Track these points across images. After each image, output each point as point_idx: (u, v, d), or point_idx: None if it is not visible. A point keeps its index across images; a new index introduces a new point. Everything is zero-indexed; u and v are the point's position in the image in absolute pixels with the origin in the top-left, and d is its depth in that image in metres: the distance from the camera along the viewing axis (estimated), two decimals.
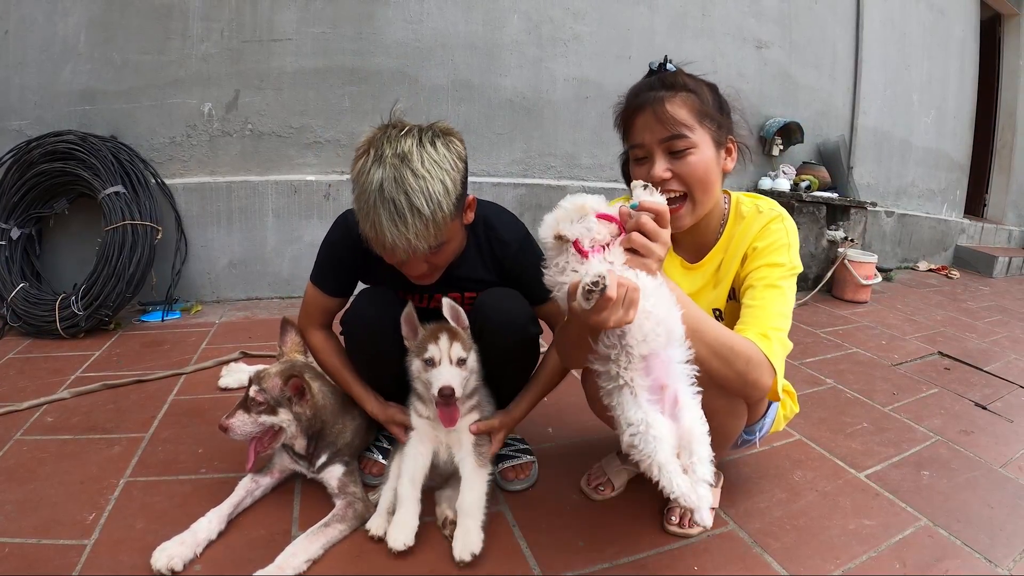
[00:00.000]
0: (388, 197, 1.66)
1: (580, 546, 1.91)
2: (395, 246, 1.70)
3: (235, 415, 1.94)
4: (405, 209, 1.66)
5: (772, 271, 1.80)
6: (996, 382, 3.75)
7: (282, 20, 4.20)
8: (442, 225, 1.73)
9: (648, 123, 1.75)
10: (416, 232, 1.68)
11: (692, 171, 1.75)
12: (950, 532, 2.11)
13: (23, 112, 3.90)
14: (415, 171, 1.68)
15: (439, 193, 1.70)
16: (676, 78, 1.77)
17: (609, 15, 5.24)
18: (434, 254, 1.83)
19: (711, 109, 1.77)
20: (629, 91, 1.87)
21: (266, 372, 1.99)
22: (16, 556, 1.73)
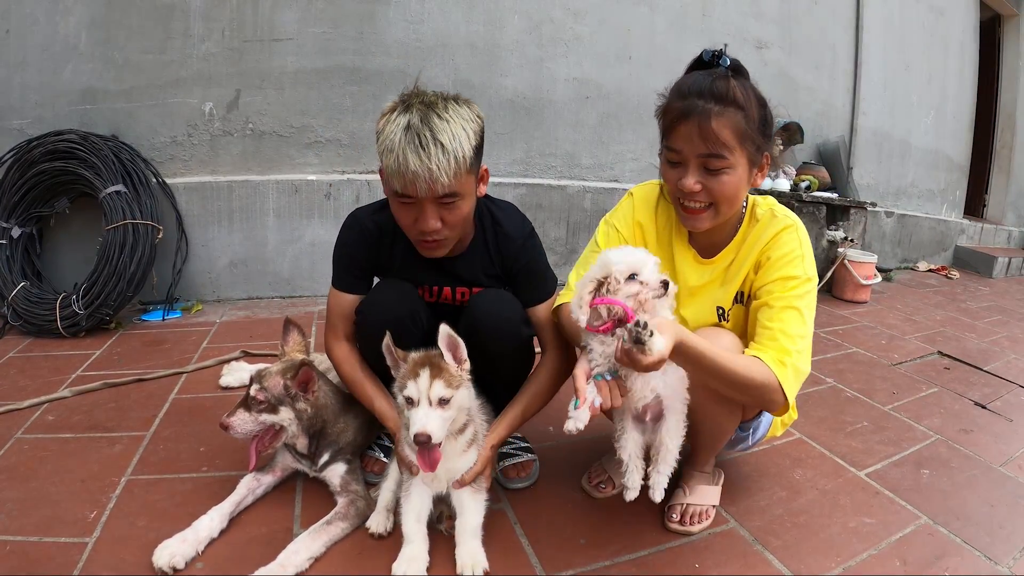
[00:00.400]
0: (414, 132, 1.77)
1: (581, 544, 1.92)
2: (416, 176, 1.76)
3: (236, 413, 1.94)
4: (429, 141, 1.76)
5: (787, 286, 1.80)
6: (995, 381, 3.75)
7: (283, 20, 4.20)
8: (461, 166, 1.81)
9: (690, 135, 1.72)
10: (438, 163, 1.76)
11: (722, 190, 1.76)
12: (950, 530, 2.12)
13: (24, 111, 3.90)
14: (440, 115, 1.80)
15: (461, 136, 1.80)
16: (728, 90, 1.72)
17: (609, 15, 5.24)
18: (447, 207, 1.87)
19: (754, 131, 1.75)
20: (677, 86, 1.82)
21: (267, 371, 1.99)
22: (17, 554, 1.73)
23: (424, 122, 1.77)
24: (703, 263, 2.01)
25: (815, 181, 6.22)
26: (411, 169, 1.75)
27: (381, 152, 1.84)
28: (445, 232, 1.92)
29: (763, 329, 1.79)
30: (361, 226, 2.10)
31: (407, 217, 1.90)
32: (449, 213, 1.89)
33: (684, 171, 1.77)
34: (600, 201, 5.26)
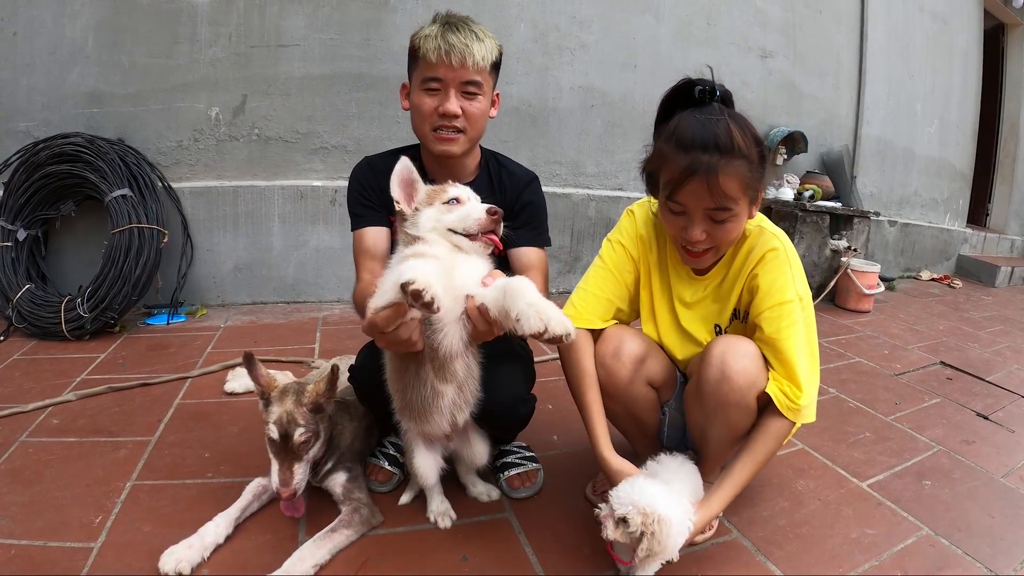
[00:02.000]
0: (452, 24, 1.97)
1: (585, 553, 1.92)
2: (453, 47, 1.93)
3: (293, 474, 1.84)
4: (467, 29, 1.98)
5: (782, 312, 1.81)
6: (998, 392, 3.75)
7: (290, 26, 4.22)
8: (488, 55, 2.00)
9: (699, 192, 1.71)
10: (474, 43, 1.96)
11: (727, 236, 1.81)
12: (951, 541, 2.12)
13: (31, 114, 3.92)
14: (471, 23, 2.02)
15: (487, 39, 2.02)
16: (731, 139, 1.70)
17: (615, 24, 5.26)
18: (468, 98, 2.02)
19: (756, 176, 1.75)
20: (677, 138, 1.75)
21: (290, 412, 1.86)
22: (22, 558, 1.73)
23: (460, 20, 1.99)
24: (696, 279, 2.04)
25: (818, 190, 6.22)
26: (449, 41, 1.93)
27: (416, 46, 2.00)
28: (463, 123, 2.03)
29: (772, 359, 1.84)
30: (370, 162, 2.18)
31: (430, 104, 2.01)
32: (469, 103, 2.02)
33: (689, 221, 1.78)
34: (604, 209, 5.27)
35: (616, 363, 1.98)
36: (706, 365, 1.85)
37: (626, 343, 1.98)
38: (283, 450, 1.84)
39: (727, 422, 1.88)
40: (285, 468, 1.83)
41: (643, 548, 1.61)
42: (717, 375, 1.80)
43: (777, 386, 1.78)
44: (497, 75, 2.12)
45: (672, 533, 1.61)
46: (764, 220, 1.98)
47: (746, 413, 1.86)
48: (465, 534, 1.95)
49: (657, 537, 1.59)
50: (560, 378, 2.16)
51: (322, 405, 1.93)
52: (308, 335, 3.74)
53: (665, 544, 1.60)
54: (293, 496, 1.83)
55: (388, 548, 1.87)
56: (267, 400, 1.91)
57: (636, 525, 1.60)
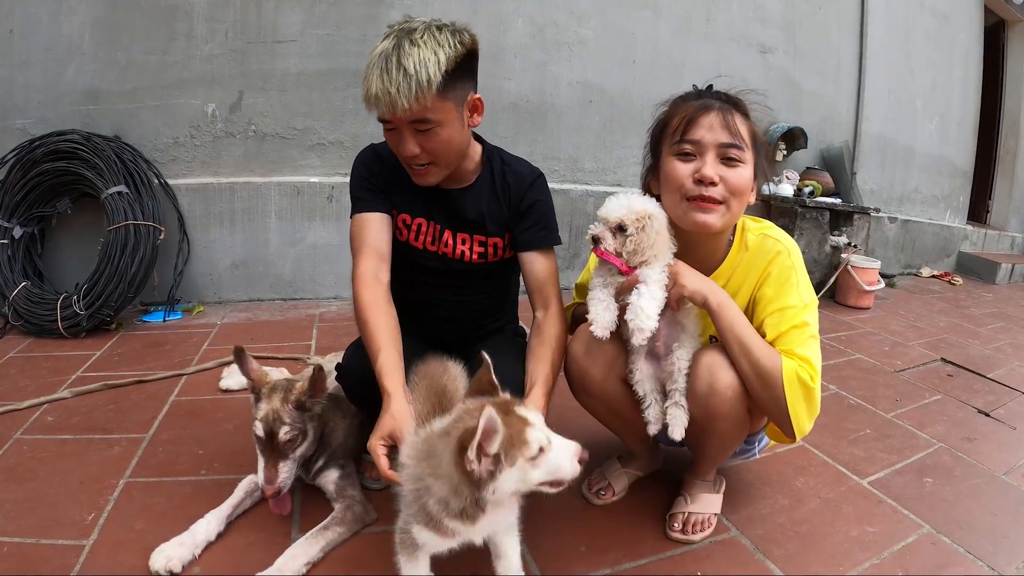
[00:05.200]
0: (383, 57, 1.77)
1: (581, 551, 1.91)
2: (377, 98, 1.78)
3: (278, 472, 1.83)
4: (393, 66, 1.75)
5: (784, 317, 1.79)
6: (999, 389, 3.74)
7: (286, 22, 4.20)
8: (426, 90, 1.76)
9: (714, 124, 1.76)
10: (398, 87, 1.75)
11: (738, 182, 1.77)
12: (953, 539, 2.10)
13: (27, 111, 3.90)
14: (412, 40, 1.78)
15: (428, 60, 1.76)
16: (739, 101, 1.83)
17: (613, 20, 5.24)
18: (424, 134, 1.86)
19: (761, 141, 1.84)
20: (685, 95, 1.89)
21: (276, 411, 1.85)
22: (15, 555, 1.72)
23: (395, 48, 1.77)
24: None
25: (818, 186, 6.21)
26: (373, 92, 1.78)
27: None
28: (426, 158, 1.92)
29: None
30: (374, 148, 2.14)
31: (391, 143, 1.94)
32: (427, 140, 1.87)
33: (702, 161, 1.77)
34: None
35: (588, 360, 1.96)
36: (694, 377, 1.82)
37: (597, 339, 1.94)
38: (269, 448, 1.84)
39: (718, 433, 1.87)
40: (270, 466, 1.83)
41: (640, 243, 1.77)
42: (705, 388, 1.78)
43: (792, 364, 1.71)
44: (464, 82, 1.90)
45: (665, 225, 1.82)
46: (769, 227, 1.96)
47: (736, 424, 1.85)
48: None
49: (655, 227, 1.78)
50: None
51: (305, 404, 1.91)
52: (305, 332, 3.73)
53: (663, 235, 1.80)
54: (277, 494, 1.82)
55: (382, 546, 1.84)
56: (257, 396, 1.91)
57: (631, 224, 1.77)
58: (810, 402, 1.73)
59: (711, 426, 1.84)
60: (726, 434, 1.87)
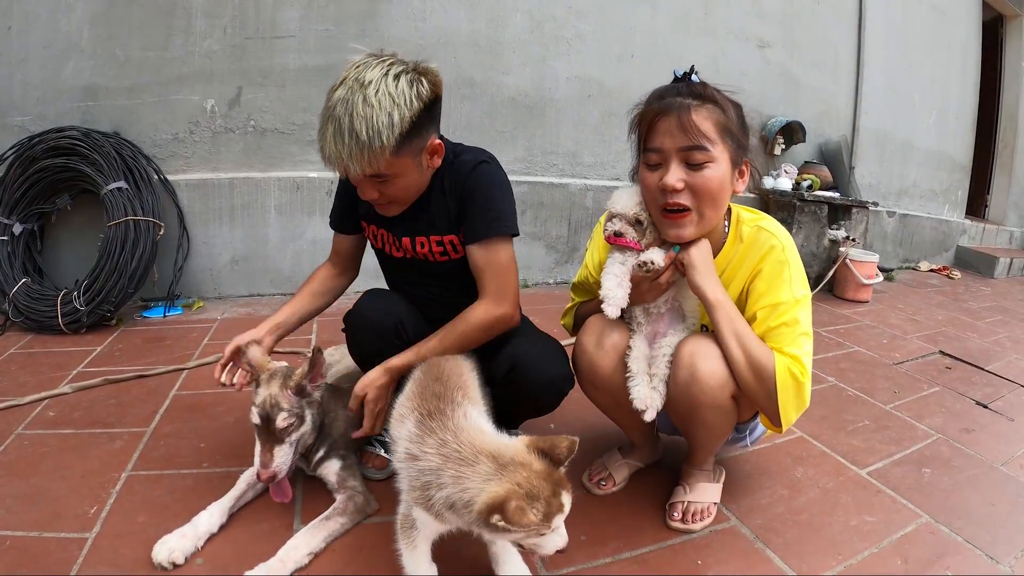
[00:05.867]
0: (336, 116, 1.76)
1: (582, 540, 1.91)
2: (332, 161, 1.81)
3: (273, 456, 1.83)
4: (346, 130, 1.74)
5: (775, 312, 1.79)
6: (997, 381, 3.75)
7: (285, 17, 4.20)
8: (379, 155, 1.77)
9: (671, 129, 1.72)
10: (351, 153, 1.75)
11: (706, 185, 1.73)
12: (951, 529, 2.11)
13: (26, 108, 3.90)
14: (367, 98, 1.74)
15: (382, 124, 1.74)
16: (705, 89, 1.76)
17: (611, 14, 5.24)
18: (382, 184, 1.88)
19: (735, 127, 1.77)
20: (651, 94, 1.84)
21: (274, 396, 1.86)
22: (17, 549, 1.73)
23: (347, 105, 1.75)
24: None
25: (817, 180, 6.22)
26: (327, 154, 1.81)
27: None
28: (386, 200, 1.95)
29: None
30: None
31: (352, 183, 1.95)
32: (385, 187, 1.90)
33: (665, 170, 1.75)
34: (602, 199, 5.24)
35: (599, 353, 1.96)
36: (676, 366, 1.83)
37: (608, 333, 1.95)
38: (265, 433, 1.84)
39: (704, 422, 1.87)
40: (266, 451, 1.83)
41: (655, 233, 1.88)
42: (686, 377, 1.78)
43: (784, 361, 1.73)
44: (422, 135, 1.86)
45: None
46: (763, 218, 1.94)
47: (721, 413, 1.85)
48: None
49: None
50: None
51: (305, 387, 1.91)
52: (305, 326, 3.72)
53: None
54: (273, 479, 1.82)
55: (384, 535, 1.85)
56: (257, 383, 1.92)
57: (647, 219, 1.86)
58: (799, 397, 1.75)
59: (696, 415, 1.85)
60: (712, 422, 1.87)
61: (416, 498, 1.44)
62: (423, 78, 1.83)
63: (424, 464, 1.42)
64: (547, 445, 1.38)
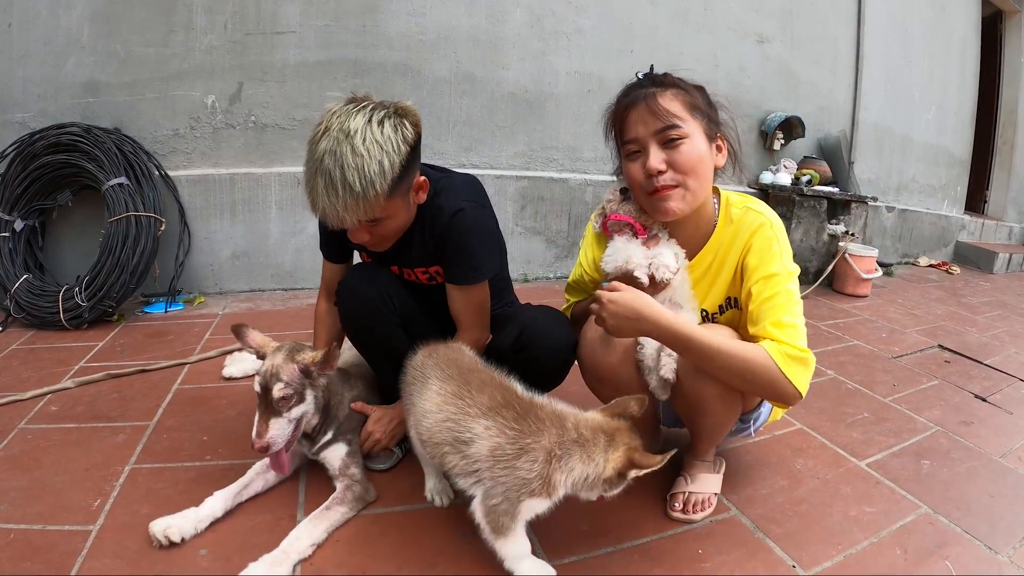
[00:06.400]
0: (326, 168, 1.75)
1: (584, 530, 1.92)
2: (326, 214, 1.80)
3: (269, 427, 1.84)
4: (338, 182, 1.74)
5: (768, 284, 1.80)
6: (996, 375, 3.76)
7: (285, 13, 4.20)
8: (373, 203, 1.79)
9: (642, 116, 1.80)
10: (345, 205, 1.76)
11: (686, 159, 1.79)
12: (950, 520, 2.12)
13: (27, 105, 3.90)
14: (355, 148, 1.75)
15: (374, 172, 1.76)
16: (665, 77, 1.86)
17: (611, 9, 5.25)
18: (373, 226, 1.90)
19: (701, 104, 1.84)
20: (619, 93, 1.93)
21: (276, 367, 1.88)
22: (22, 542, 1.73)
23: (336, 158, 1.74)
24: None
25: (816, 175, 6.22)
26: (320, 208, 1.79)
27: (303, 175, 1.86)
28: (376, 240, 1.98)
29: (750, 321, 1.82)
30: None
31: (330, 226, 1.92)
32: (377, 228, 1.92)
33: (646, 156, 1.81)
34: (602, 194, 5.20)
35: (605, 348, 1.98)
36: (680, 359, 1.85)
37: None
38: (264, 403, 1.86)
39: (709, 413, 1.89)
40: (262, 421, 1.84)
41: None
42: (692, 368, 1.80)
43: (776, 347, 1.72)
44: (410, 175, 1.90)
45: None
46: (751, 200, 1.97)
47: (726, 404, 1.87)
48: (463, 512, 1.94)
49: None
50: None
51: (312, 371, 1.93)
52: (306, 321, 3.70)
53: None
54: (265, 451, 1.83)
55: (387, 526, 1.88)
56: (262, 356, 1.95)
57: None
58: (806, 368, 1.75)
59: (701, 407, 1.87)
60: (717, 413, 1.89)
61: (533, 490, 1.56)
62: (405, 120, 1.86)
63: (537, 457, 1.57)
64: (620, 408, 1.67)
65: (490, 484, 1.60)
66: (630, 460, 1.54)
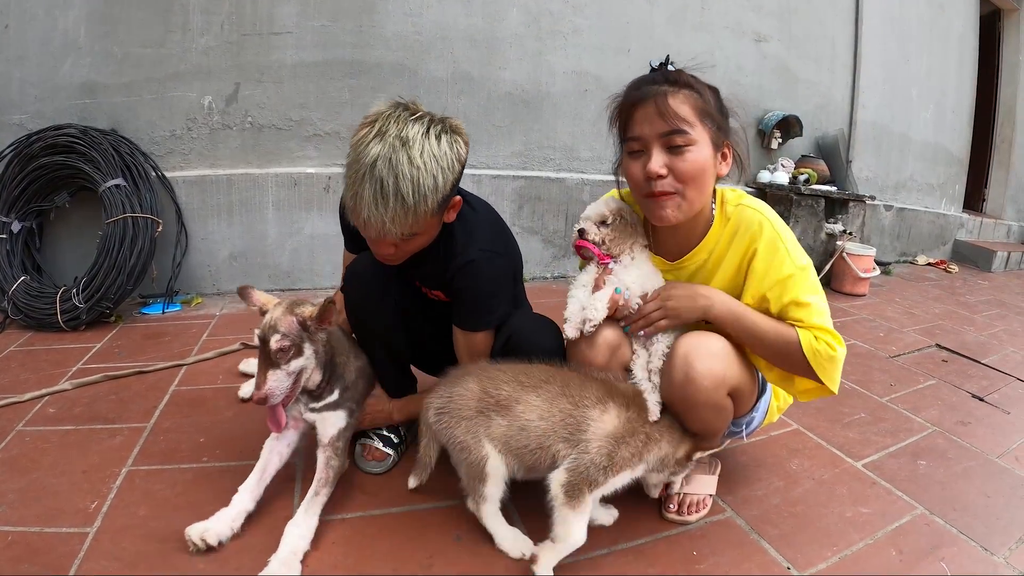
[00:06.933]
0: (378, 175, 1.67)
1: None
2: (369, 223, 1.72)
3: (267, 378, 1.83)
4: (390, 192, 1.67)
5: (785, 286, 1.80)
6: (993, 374, 3.76)
7: (282, 13, 4.20)
8: (421, 218, 1.74)
9: (649, 116, 1.75)
10: (393, 216, 1.69)
11: (688, 168, 1.75)
12: (946, 520, 2.13)
13: (24, 106, 3.90)
14: (412, 159, 1.68)
15: (428, 187, 1.70)
16: (679, 76, 1.78)
17: (608, 8, 5.25)
18: (404, 242, 1.84)
19: (712, 109, 1.79)
20: (629, 84, 1.87)
21: (274, 319, 1.87)
22: (20, 544, 1.74)
23: (392, 165, 1.67)
24: (671, 267, 2.02)
25: (814, 174, 6.22)
26: (364, 216, 1.72)
27: (345, 175, 1.77)
28: (398, 256, 1.92)
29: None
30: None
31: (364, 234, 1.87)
32: (405, 244, 1.86)
33: (648, 157, 1.78)
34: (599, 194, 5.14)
35: (590, 349, 1.96)
36: (671, 366, 1.83)
37: (601, 329, 1.94)
38: (264, 355, 1.85)
39: (700, 420, 1.87)
40: (261, 372, 1.84)
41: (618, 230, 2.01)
42: (681, 377, 1.78)
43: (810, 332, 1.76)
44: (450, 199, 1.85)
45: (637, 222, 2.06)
46: (743, 196, 1.96)
47: (717, 411, 1.86)
48: (458, 513, 1.95)
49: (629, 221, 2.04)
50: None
51: (308, 325, 1.91)
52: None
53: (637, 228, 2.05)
54: (264, 402, 1.83)
55: (382, 528, 1.88)
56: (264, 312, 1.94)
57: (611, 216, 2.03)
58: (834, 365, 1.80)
59: (691, 414, 1.85)
60: (708, 420, 1.87)
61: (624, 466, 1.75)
62: (459, 138, 1.81)
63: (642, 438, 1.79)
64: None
65: (588, 458, 1.71)
66: (695, 444, 1.84)
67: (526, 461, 1.78)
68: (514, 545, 1.80)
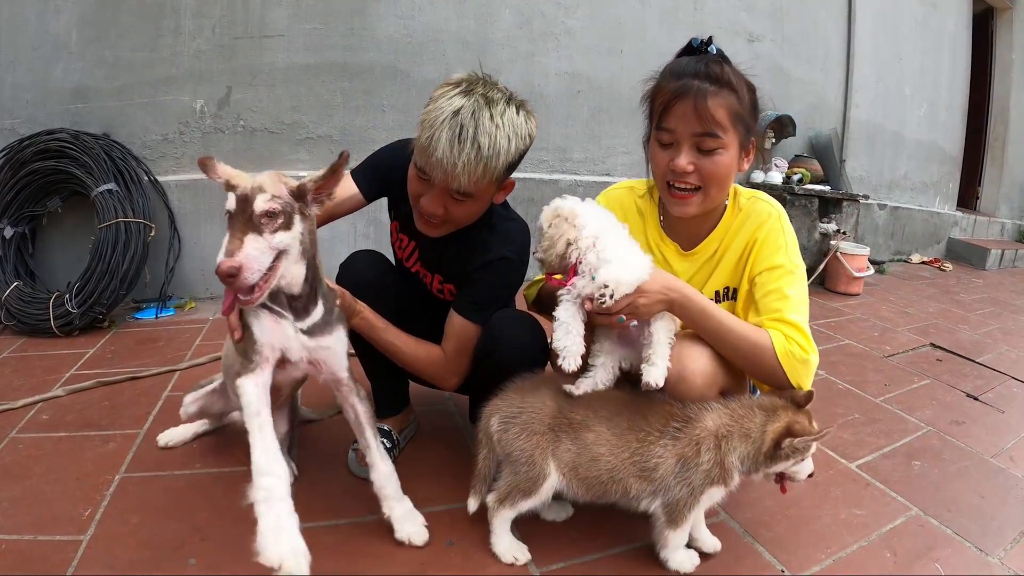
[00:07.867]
0: (459, 121, 1.73)
1: (573, 536, 1.93)
2: (439, 164, 1.75)
3: (245, 243, 1.44)
4: (468, 138, 1.73)
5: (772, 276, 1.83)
6: (988, 373, 3.77)
7: (274, 16, 4.19)
8: (488, 173, 1.79)
9: (686, 113, 1.75)
10: (465, 162, 1.74)
11: (715, 170, 1.79)
12: (941, 521, 2.13)
13: (15, 111, 3.89)
14: (493, 116, 1.76)
15: (502, 147, 1.77)
16: (723, 73, 1.77)
17: (600, 9, 5.24)
18: (457, 202, 1.87)
19: (746, 113, 1.80)
20: (669, 68, 1.85)
21: (261, 182, 1.51)
22: (12, 552, 1.73)
23: (474, 116, 1.74)
24: (686, 255, 2.02)
25: (807, 174, 6.22)
26: (436, 156, 1.74)
27: (422, 120, 1.80)
28: (444, 219, 1.92)
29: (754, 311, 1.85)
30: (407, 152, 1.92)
31: (415, 189, 1.91)
32: (455, 207, 1.88)
33: (677, 151, 1.79)
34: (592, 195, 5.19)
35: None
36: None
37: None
38: (240, 219, 1.47)
39: None
40: (235, 238, 1.45)
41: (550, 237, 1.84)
42: (674, 375, 1.77)
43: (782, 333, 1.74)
44: (510, 171, 1.92)
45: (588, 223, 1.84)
46: (758, 192, 1.99)
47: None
48: (450, 519, 1.95)
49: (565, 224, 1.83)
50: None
51: (306, 195, 1.60)
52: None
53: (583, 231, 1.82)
54: (234, 275, 1.42)
55: (373, 533, 1.87)
56: (232, 188, 1.52)
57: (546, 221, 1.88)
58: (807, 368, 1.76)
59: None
60: None
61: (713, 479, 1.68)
62: (532, 118, 1.89)
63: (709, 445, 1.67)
64: (788, 397, 1.72)
65: (672, 495, 1.69)
66: (788, 428, 1.63)
67: (594, 491, 1.76)
68: (507, 551, 1.79)
